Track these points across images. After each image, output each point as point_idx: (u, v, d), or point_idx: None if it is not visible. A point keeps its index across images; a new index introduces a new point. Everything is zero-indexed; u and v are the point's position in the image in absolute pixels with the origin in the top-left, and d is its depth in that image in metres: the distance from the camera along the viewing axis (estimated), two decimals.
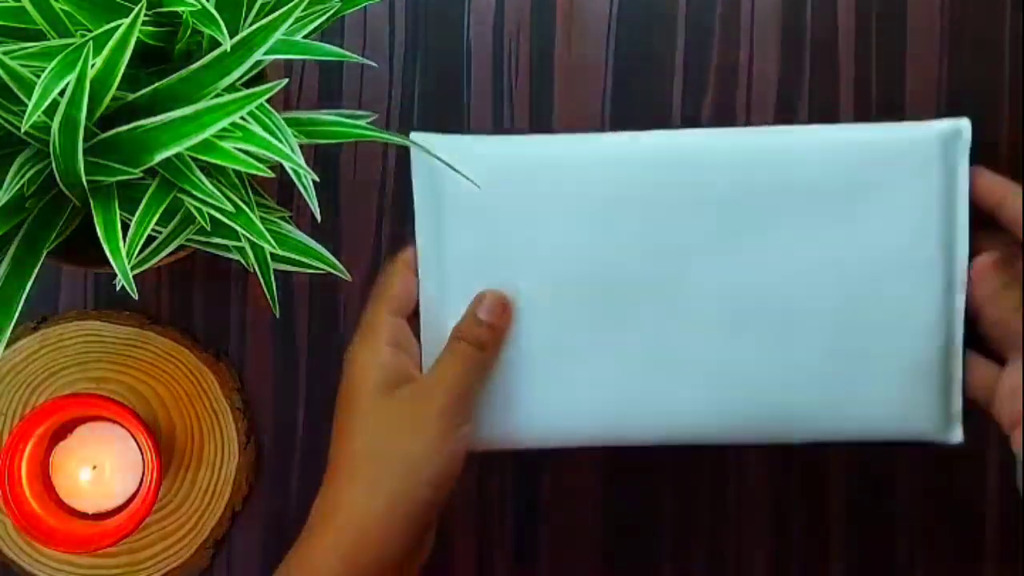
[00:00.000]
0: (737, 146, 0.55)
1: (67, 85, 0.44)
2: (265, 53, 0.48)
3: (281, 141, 0.48)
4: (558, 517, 0.67)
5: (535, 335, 0.56)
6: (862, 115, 0.67)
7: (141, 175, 0.48)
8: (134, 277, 0.46)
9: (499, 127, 0.66)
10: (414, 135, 0.57)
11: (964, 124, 0.55)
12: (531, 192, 0.56)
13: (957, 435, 0.57)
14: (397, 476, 0.52)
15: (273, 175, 0.49)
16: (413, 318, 0.58)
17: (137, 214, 0.47)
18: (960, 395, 0.56)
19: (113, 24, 0.45)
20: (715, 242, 0.55)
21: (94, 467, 0.62)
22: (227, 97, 0.47)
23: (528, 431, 0.57)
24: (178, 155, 0.48)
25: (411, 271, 0.57)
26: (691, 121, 0.67)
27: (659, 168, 0.55)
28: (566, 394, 0.56)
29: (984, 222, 0.55)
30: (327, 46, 0.50)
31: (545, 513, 0.67)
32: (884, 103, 0.67)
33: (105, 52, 0.45)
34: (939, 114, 0.67)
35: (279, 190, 0.65)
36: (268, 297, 0.52)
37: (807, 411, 0.56)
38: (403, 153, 0.66)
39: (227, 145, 0.47)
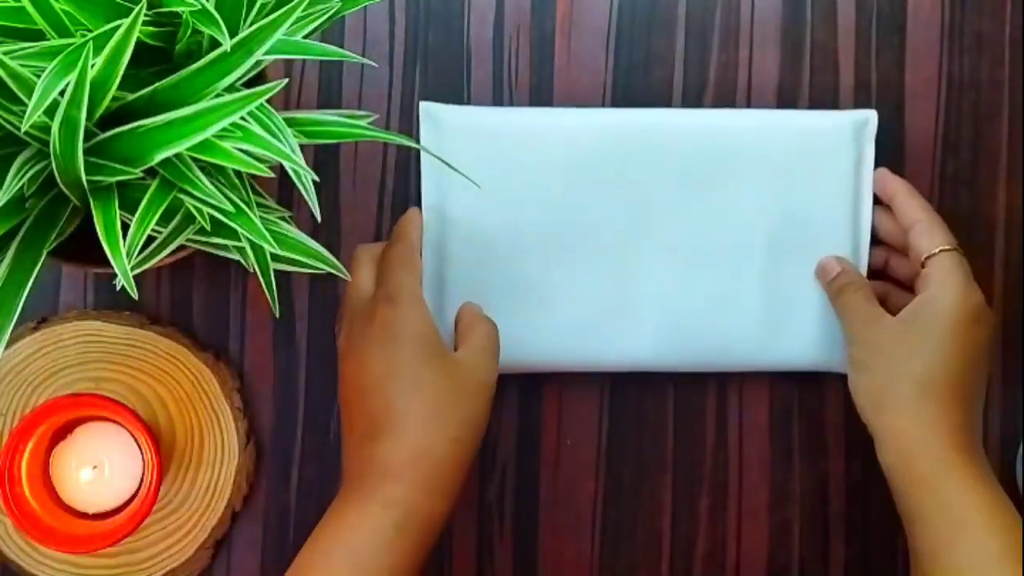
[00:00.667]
0: (693, 123, 0.65)
1: (67, 85, 0.44)
2: (265, 53, 0.48)
3: (281, 141, 0.48)
4: (557, 517, 0.67)
5: (522, 279, 0.64)
6: None
7: (141, 175, 0.48)
8: (134, 277, 0.46)
9: None
10: (423, 104, 0.64)
11: (871, 114, 0.65)
12: (524, 156, 0.64)
13: None
14: (462, 431, 0.57)
15: (273, 175, 0.49)
16: None
17: (137, 214, 0.47)
18: None
19: (113, 24, 0.45)
20: (672, 202, 0.64)
21: (94, 467, 0.62)
22: (227, 97, 0.47)
23: (512, 358, 0.64)
24: (178, 155, 0.48)
25: (418, 242, 0.62)
26: None
27: (629, 138, 0.64)
28: (545, 326, 0.65)
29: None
30: (327, 46, 0.50)
31: (545, 513, 0.67)
32: (884, 103, 0.67)
33: (105, 52, 0.45)
34: (938, 114, 0.67)
35: (279, 190, 0.65)
36: (268, 297, 0.52)
37: (743, 345, 0.65)
38: (403, 153, 0.66)
39: (227, 145, 0.47)
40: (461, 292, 0.64)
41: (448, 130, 0.63)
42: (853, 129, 0.65)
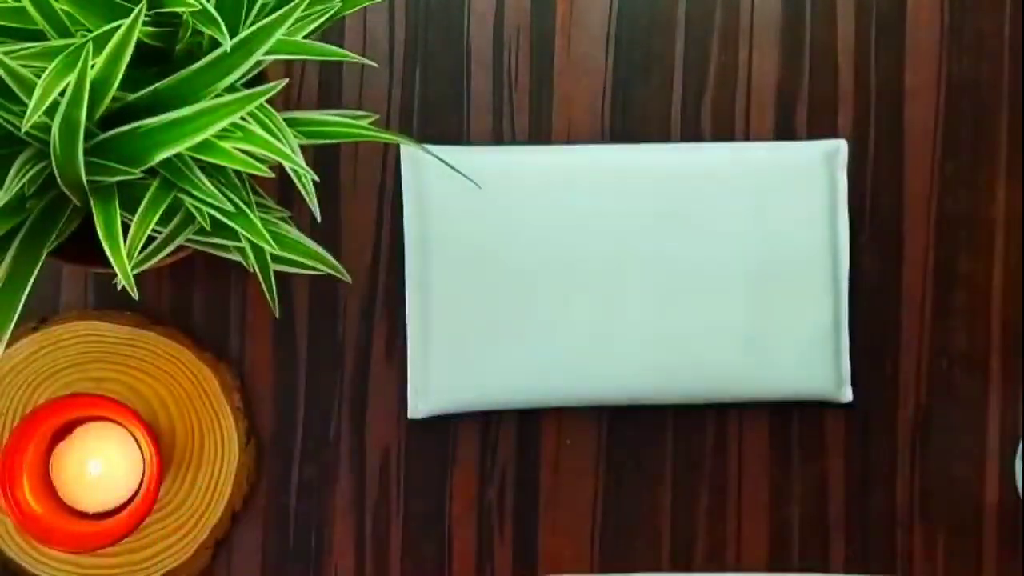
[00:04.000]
0: (669, 159, 0.66)
1: (67, 85, 0.44)
2: (265, 53, 0.48)
3: (281, 141, 0.48)
4: (557, 517, 0.67)
5: (506, 318, 0.65)
6: (861, 115, 0.67)
7: (141, 175, 0.48)
8: (134, 277, 0.46)
9: (499, 127, 0.67)
10: (403, 148, 0.65)
11: (842, 144, 0.66)
12: (503, 194, 0.65)
13: (847, 394, 0.67)
14: None
15: (273, 175, 0.49)
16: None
17: (138, 214, 0.47)
18: (848, 361, 0.66)
19: (113, 24, 0.45)
20: (650, 237, 0.65)
21: (94, 467, 0.62)
22: (227, 97, 0.47)
23: (494, 395, 0.65)
24: (178, 155, 0.48)
25: None
26: (691, 120, 0.67)
27: (605, 175, 0.65)
28: (531, 364, 0.65)
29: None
30: (327, 46, 0.50)
31: (545, 513, 0.67)
32: (884, 103, 0.67)
33: (105, 52, 0.45)
34: (938, 114, 0.67)
35: (279, 190, 0.65)
36: (268, 297, 0.52)
37: (728, 375, 0.65)
38: None
39: (227, 145, 0.47)
40: (446, 332, 0.65)
41: (429, 171, 0.64)
42: (824, 158, 0.66)
